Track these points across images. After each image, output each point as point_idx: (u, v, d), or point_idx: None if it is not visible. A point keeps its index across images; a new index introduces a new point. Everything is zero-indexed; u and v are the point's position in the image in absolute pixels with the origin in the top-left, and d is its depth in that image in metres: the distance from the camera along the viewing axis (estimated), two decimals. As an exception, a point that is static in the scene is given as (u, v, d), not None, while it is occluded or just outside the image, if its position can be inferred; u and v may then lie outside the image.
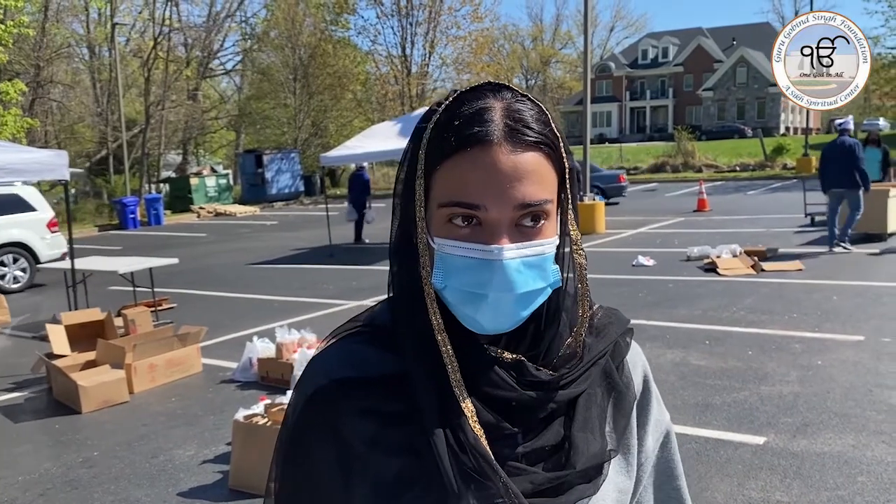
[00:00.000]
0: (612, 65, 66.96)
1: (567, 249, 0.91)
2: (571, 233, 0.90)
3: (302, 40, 37.22)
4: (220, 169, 36.58)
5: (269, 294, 10.46)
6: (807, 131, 29.91)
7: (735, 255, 10.92)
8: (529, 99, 0.87)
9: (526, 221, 0.83)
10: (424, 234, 0.86)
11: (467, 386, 0.85)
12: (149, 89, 33.56)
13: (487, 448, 0.83)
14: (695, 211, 18.65)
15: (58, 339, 7.17)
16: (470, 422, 0.83)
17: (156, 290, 9.73)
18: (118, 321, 8.07)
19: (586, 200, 15.98)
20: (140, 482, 4.63)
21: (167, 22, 35.54)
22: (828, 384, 5.56)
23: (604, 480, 0.88)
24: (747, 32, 61.63)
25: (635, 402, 0.98)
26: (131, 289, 9.61)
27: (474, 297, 0.83)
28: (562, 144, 0.87)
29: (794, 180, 23.49)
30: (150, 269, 9.46)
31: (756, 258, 10.60)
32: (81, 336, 7.35)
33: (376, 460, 0.86)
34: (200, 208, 28.80)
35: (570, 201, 0.90)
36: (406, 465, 0.84)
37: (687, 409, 5.23)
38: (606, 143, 50.57)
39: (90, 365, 6.60)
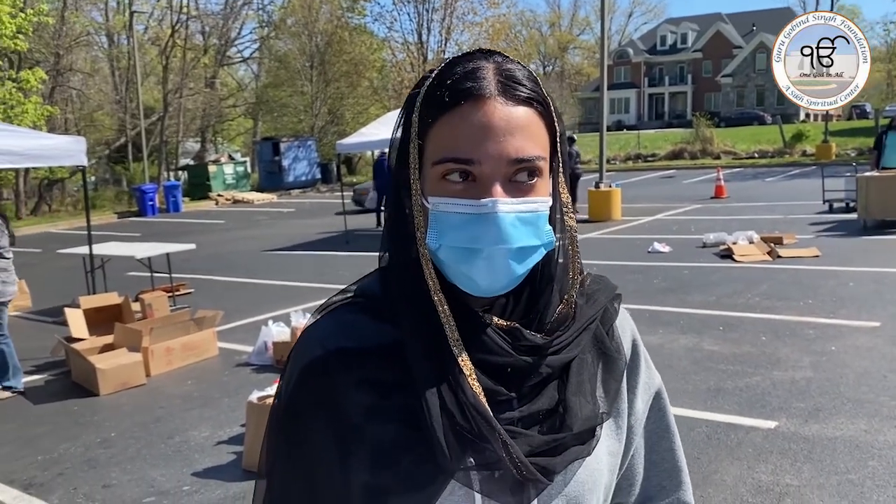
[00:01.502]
0: (631, 51, 66.38)
1: (558, 215, 0.91)
2: (563, 196, 0.91)
3: (318, 27, 37.21)
4: (237, 157, 36.74)
5: (285, 280, 10.53)
6: (826, 118, 29.41)
7: (751, 242, 10.85)
8: (520, 63, 0.88)
9: (520, 177, 0.84)
10: (418, 195, 0.86)
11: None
12: (167, 77, 33.72)
13: (486, 406, 0.83)
14: (712, 198, 18.51)
15: (76, 322, 7.28)
16: (469, 379, 0.84)
17: (173, 275, 9.83)
18: (136, 306, 8.18)
19: (602, 187, 15.91)
20: (156, 462, 4.71)
21: (185, 10, 35.64)
22: (841, 369, 5.54)
23: (597, 443, 0.90)
24: (768, 18, 60.78)
25: (625, 367, 0.98)
26: (149, 274, 9.72)
27: (469, 254, 0.83)
28: (553, 108, 0.89)
29: (814, 167, 23.25)
30: (168, 254, 9.57)
31: (772, 244, 10.54)
32: (99, 320, 7.46)
33: (374, 429, 0.86)
34: (218, 196, 28.96)
35: (561, 165, 0.91)
36: (403, 431, 0.85)
37: (699, 393, 5.24)
38: (624, 130, 50.20)
39: (108, 348, 6.69)
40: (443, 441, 0.82)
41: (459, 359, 0.85)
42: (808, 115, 48.53)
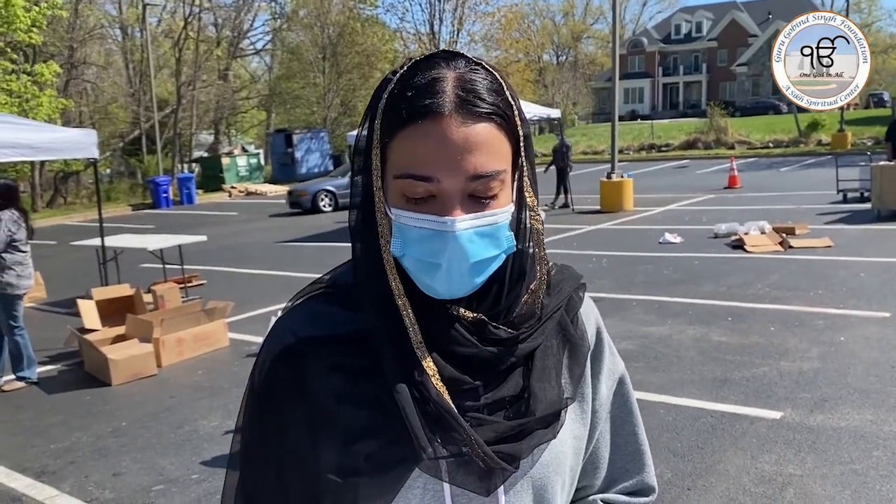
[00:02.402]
0: (645, 40, 65.89)
1: (523, 216, 0.93)
2: (528, 199, 0.93)
3: (331, 19, 37.23)
4: (250, 149, 36.90)
5: (297, 271, 10.58)
6: (842, 107, 29.11)
7: (763, 232, 10.81)
8: (483, 67, 0.88)
9: (479, 192, 0.85)
10: (382, 203, 0.88)
11: (430, 344, 0.88)
12: (180, 70, 33.86)
13: (450, 403, 0.86)
14: (725, 188, 18.42)
15: (89, 314, 7.38)
16: (432, 380, 0.86)
17: (186, 267, 9.92)
18: (148, 297, 8.26)
19: (614, 177, 15.87)
20: (166, 451, 4.78)
21: (197, 2, 35.69)
22: (849, 360, 5.52)
23: (561, 426, 0.92)
24: (783, 6, 60.09)
25: (589, 353, 1.01)
26: (161, 266, 9.81)
27: (430, 266, 0.85)
28: (516, 112, 0.88)
29: (829, 157, 23.03)
30: (180, 246, 9.65)
31: (784, 235, 10.48)
32: (112, 311, 7.55)
33: (344, 413, 0.89)
34: (232, 187, 29.12)
35: (526, 168, 0.91)
36: (373, 417, 0.87)
37: (705, 383, 5.24)
38: (638, 120, 49.93)
39: (120, 339, 6.78)
40: (418, 430, 0.84)
41: (423, 361, 0.87)
42: (824, 104, 47.90)
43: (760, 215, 12.48)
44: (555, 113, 17.29)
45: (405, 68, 0.88)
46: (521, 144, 0.90)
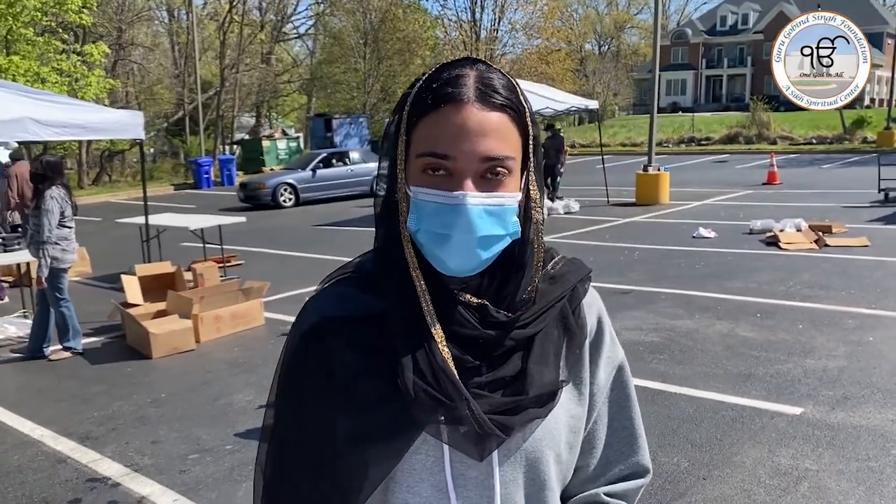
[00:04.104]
0: (689, 31, 64.86)
1: (528, 207, 1.03)
2: (532, 192, 1.03)
3: (373, 4, 37.32)
4: (291, 132, 37.24)
5: (333, 254, 10.77)
6: (890, 103, 28.35)
7: (799, 230, 10.72)
8: (501, 73, 1.01)
9: (490, 174, 0.96)
10: (403, 183, 1.00)
11: (438, 319, 0.99)
12: (224, 52, 34.28)
13: (453, 368, 0.97)
14: (764, 184, 18.21)
15: (132, 289, 7.64)
16: (439, 345, 0.97)
17: (225, 247, 10.18)
18: (188, 275, 8.52)
19: (650, 170, 15.79)
20: (202, 422, 4.99)
21: (242, -15, 36.10)
22: (876, 360, 5.53)
23: (555, 406, 1.02)
24: (834, -2, 58.78)
25: (587, 341, 1.11)
26: (202, 245, 10.08)
27: (441, 238, 0.96)
28: (528, 113, 1.00)
29: (873, 155, 22.59)
30: (220, 226, 9.91)
31: (821, 233, 10.40)
32: (154, 287, 7.80)
33: (360, 386, 1.00)
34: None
35: (532, 165, 1.03)
36: (385, 388, 0.98)
37: (728, 378, 5.30)
38: (680, 113, 49.32)
39: (161, 314, 7.03)
40: (412, 395, 0.95)
41: (433, 329, 0.98)
42: (872, 101, 46.95)
43: (798, 212, 12.34)
44: (592, 104, 17.18)
45: (433, 70, 1.01)
46: (531, 143, 1.01)
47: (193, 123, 31.28)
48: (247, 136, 37.21)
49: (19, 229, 9.40)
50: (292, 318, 1.12)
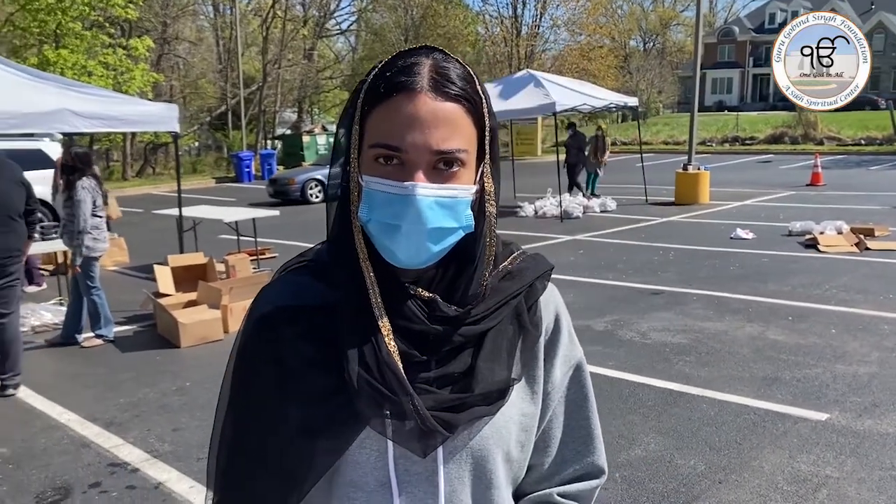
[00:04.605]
0: (737, 29, 63.68)
1: (482, 201, 1.00)
2: (486, 185, 1.00)
3: (415, 0, 37.42)
4: (331, 128, 37.51)
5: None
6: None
7: (840, 232, 10.46)
8: (458, 62, 0.98)
9: (442, 166, 0.93)
10: (356, 173, 0.98)
11: (387, 313, 0.97)
12: (267, 48, 34.67)
13: (399, 363, 0.95)
14: (807, 185, 17.82)
15: (164, 279, 7.78)
16: (385, 338, 0.96)
17: (259, 239, 10.30)
18: (221, 266, 8.63)
19: (690, 169, 15.55)
20: (223, 411, 5.05)
21: (286, -18, 36.46)
22: (910, 367, 5.37)
23: (504, 404, 1.00)
24: (888, -5, 57.15)
25: (542, 338, 1.08)
26: (236, 237, 10.22)
27: (391, 229, 0.94)
28: (485, 104, 0.98)
29: (925, 156, 21.94)
30: (254, 219, 10.03)
31: (862, 236, 10.13)
32: (186, 277, 7.93)
33: (309, 377, 0.99)
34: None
35: (488, 158, 1.00)
36: (334, 380, 0.97)
37: (754, 381, 5.19)
38: (725, 112, 48.45)
39: (191, 304, 7.14)
40: (356, 387, 0.94)
41: (380, 321, 0.96)
42: (926, 101, 45.43)
43: (841, 215, 12.06)
44: (632, 101, 16.96)
45: (389, 58, 0.98)
46: (487, 136, 0.99)
47: (236, 118, 31.72)
48: (288, 131, 37.58)
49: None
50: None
